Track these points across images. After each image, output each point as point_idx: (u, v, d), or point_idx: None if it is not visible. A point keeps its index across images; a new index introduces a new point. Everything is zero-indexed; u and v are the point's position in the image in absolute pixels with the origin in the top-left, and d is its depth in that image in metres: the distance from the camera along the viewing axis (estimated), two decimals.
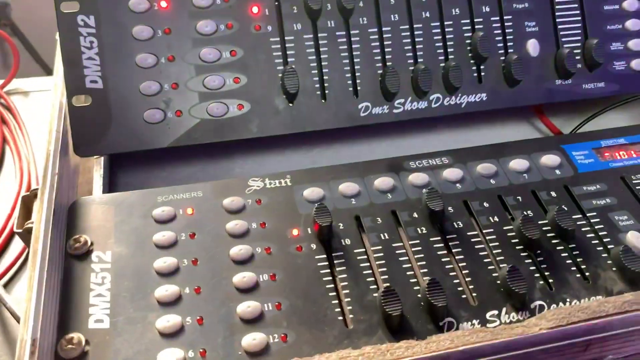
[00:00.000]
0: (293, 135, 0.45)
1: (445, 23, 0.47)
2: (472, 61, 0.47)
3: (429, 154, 0.43)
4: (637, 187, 0.42)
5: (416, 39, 0.47)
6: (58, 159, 0.38)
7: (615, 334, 0.32)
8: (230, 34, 0.44)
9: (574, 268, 0.37)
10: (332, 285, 0.35)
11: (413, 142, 0.49)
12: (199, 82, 0.43)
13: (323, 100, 0.45)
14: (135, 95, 0.42)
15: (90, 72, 0.42)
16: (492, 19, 0.48)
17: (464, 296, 0.36)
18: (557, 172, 0.43)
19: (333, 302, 0.35)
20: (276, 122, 0.44)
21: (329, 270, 0.36)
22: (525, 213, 0.39)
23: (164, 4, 0.43)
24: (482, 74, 0.48)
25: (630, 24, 0.50)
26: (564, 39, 0.49)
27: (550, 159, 0.43)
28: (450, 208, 0.40)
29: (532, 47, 0.48)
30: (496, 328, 0.32)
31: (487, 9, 0.48)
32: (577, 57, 0.49)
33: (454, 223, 0.39)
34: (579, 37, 0.49)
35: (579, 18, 0.49)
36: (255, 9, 0.44)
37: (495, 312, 0.35)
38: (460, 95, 0.47)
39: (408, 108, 0.47)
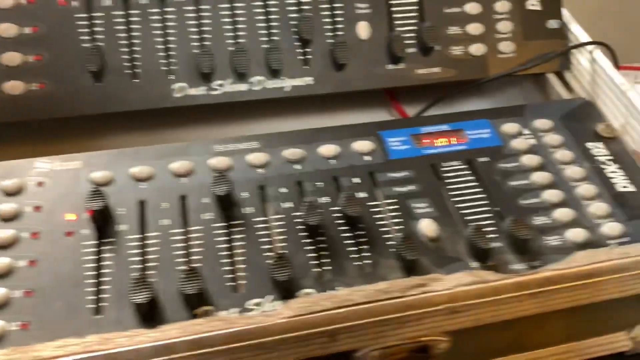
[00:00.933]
0: (105, 115, 0.44)
1: (269, 2, 0.45)
2: (297, 43, 0.46)
3: (238, 138, 0.42)
4: (443, 175, 0.41)
5: (237, 19, 0.45)
6: None
7: (365, 324, 0.31)
8: (31, 8, 0.42)
9: (355, 255, 0.36)
10: (95, 273, 0.34)
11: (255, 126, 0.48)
12: None
13: (135, 80, 0.44)
14: None
15: None
16: None
17: (232, 283, 0.34)
18: (368, 158, 0.42)
19: (89, 289, 0.33)
20: (81, 102, 0.43)
21: (95, 257, 0.35)
22: (318, 199, 0.38)
23: None
24: (309, 57, 0.46)
25: (469, 7, 0.48)
26: (398, 22, 0.47)
27: (362, 145, 0.42)
28: (246, 193, 0.39)
29: (363, 29, 0.47)
30: (232, 317, 0.31)
31: None
32: (411, 41, 0.48)
33: (244, 209, 0.38)
34: (415, 20, 0.48)
35: (415, 0, 0.48)
36: None
37: (259, 300, 0.34)
38: (284, 78, 0.46)
39: (228, 90, 0.45)
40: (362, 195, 0.39)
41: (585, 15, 0.53)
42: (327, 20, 0.46)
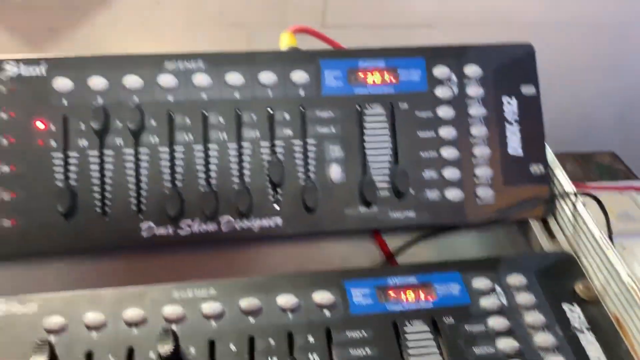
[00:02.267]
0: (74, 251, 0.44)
1: (243, 144, 0.46)
2: (268, 185, 0.46)
3: (196, 284, 0.41)
4: (404, 335, 0.39)
5: (210, 160, 0.46)
6: None
7: None
8: (10, 149, 0.44)
9: None
10: None
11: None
12: None
13: (106, 219, 0.44)
14: None
15: None
16: (293, 141, 0.47)
17: None
18: (327, 312, 0.40)
19: None
20: (50, 241, 0.43)
21: None
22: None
23: None
24: (279, 198, 0.46)
25: (446, 153, 0.48)
26: (372, 165, 0.47)
27: (323, 297, 0.41)
28: (194, 348, 0.38)
29: (334, 172, 0.47)
30: None
31: (290, 132, 0.47)
32: (384, 184, 0.47)
33: None
34: (388, 163, 0.47)
35: (389, 145, 0.48)
36: (40, 124, 0.44)
37: None
38: (253, 218, 0.46)
39: (196, 230, 0.45)
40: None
41: None
42: (299, 162, 0.46)
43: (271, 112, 0.47)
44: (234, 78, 0.46)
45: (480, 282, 0.43)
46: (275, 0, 0.95)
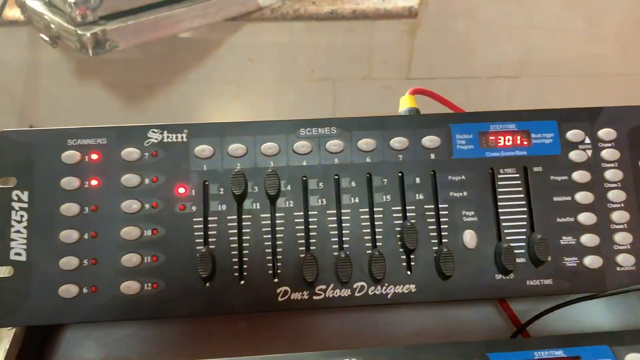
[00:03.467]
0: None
1: (375, 210, 0.46)
2: (401, 250, 0.46)
3: (337, 353, 0.41)
4: None
5: (343, 225, 0.46)
6: None
7: None
8: (154, 213, 0.45)
9: None
10: None
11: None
12: (118, 260, 0.44)
13: (241, 282, 0.45)
14: (54, 270, 0.44)
15: (16, 244, 0.44)
16: (425, 206, 0.46)
17: None
18: None
19: None
20: (189, 304, 0.44)
21: None
22: None
23: (94, 182, 0.45)
24: (412, 264, 0.45)
25: (583, 218, 0.46)
26: (506, 231, 0.46)
27: None
28: None
29: (469, 238, 0.46)
30: None
31: (421, 197, 0.46)
32: (521, 251, 0.46)
33: None
34: (524, 230, 0.46)
35: (525, 209, 0.47)
36: (181, 190, 0.46)
37: None
38: (386, 285, 0.45)
39: (329, 295, 0.45)
40: None
41: None
42: (432, 227, 0.46)
43: (402, 176, 0.47)
44: (366, 143, 0.47)
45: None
46: (362, 55, 0.97)
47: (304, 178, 0.46)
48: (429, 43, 0.97)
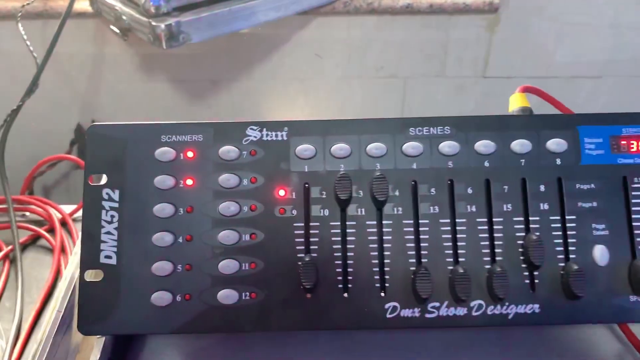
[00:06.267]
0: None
1: (494, 220, 0.41)
2: (524, 265, 0.41)
3: None
4: None
5: (458, 236, 0.41)
6: (50, 343, 0.37)
7: None
8: (252, 217, 0.42)
9: None
10: None
11: None
12: (214, 265, 0.41)
13: (345, 295, 0.41)
14: (146, 275, 0.41)
15: (106, 246, 0.41)
16: (551, 218, 0.41)
17: None
18: None
19: None
20: (289, 317, 0.40)
21: None
22: None
23: (189, 182, 0.42)
24: (536, 281, 0.41)
25: None
26: None
27: None
28: None
29: (600, 254, 0.41)
30: None
31: (546, 207, 0.42)
32: None
33: None
34: None
35: None
36: (281, 192, 0.42)
37: None
38: (507, 304, 0.41)
39: (443, 314, 0.40)
40: None
41: None
42: (558, 241, 0.41)
43: (524, 182, 0.42)
44: (485, 145, 0.42)
45: None
46: (436, 52, 0.93)
47: (414, 182, 0.42)
48: (508, 40, 0.92)
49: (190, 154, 0.42)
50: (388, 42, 0.92)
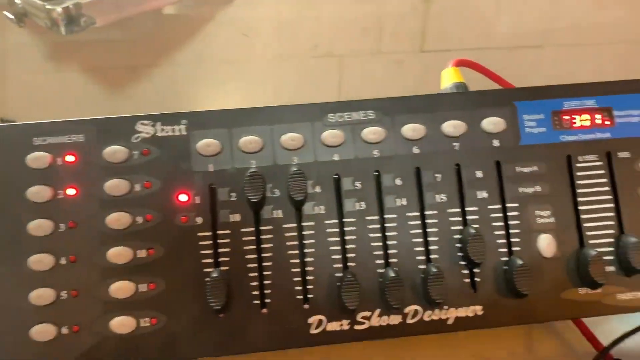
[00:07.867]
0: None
1: (427, 213, 0.37)
2: (462, 263, 0.36)
3: None
4: None
5: (387, 234, 0.36)
6: None
7: None
8: (148, 228, 0.35)
9: None
10: None
11: None
12: (105, 289, 0.35)
13: (264, 310, 0.35)
14: (23, 306, 0.34)
15: None
16: (490, 207, 0.37)
17: None
18: None
19: None
20: (198, 342, 0.35)
21: None
22: None
23: (71, 192, 0.35)
24: (477, 279, 0.36)
25: None
26: (590, 233, 0.37)
27: None
28: None
29: (545, 244, 0.37)
30: None
31: (484, 195, 0.37)
32: (609, 257, 0.37)
33: None
34: (612, 231, 0.37)
35: (611, 205, 0.37)
36: (182, 197, 0.36)
37: None
38: (446, 308, 0.36)
39: (375, 324, 0.36)
40: None
41: None
42: (499, 233, 0.37)
43: (459, 169, 0.37)
44: (413, 129, 0.37)
45: None
46: (370, 28, 0.87)
47: (336, 176, 0.37)
48: (445, 11, 0.87)
49: (70, 158, 0.36)
50: (320, 19, 0.85)
